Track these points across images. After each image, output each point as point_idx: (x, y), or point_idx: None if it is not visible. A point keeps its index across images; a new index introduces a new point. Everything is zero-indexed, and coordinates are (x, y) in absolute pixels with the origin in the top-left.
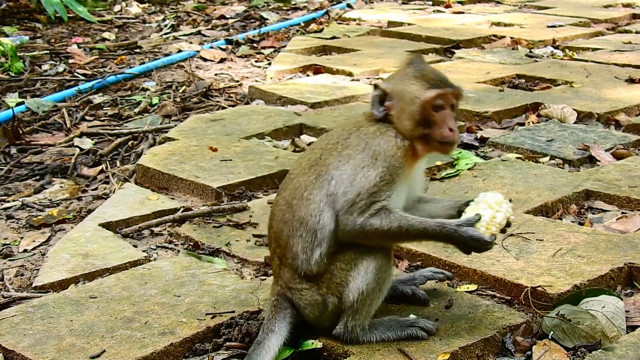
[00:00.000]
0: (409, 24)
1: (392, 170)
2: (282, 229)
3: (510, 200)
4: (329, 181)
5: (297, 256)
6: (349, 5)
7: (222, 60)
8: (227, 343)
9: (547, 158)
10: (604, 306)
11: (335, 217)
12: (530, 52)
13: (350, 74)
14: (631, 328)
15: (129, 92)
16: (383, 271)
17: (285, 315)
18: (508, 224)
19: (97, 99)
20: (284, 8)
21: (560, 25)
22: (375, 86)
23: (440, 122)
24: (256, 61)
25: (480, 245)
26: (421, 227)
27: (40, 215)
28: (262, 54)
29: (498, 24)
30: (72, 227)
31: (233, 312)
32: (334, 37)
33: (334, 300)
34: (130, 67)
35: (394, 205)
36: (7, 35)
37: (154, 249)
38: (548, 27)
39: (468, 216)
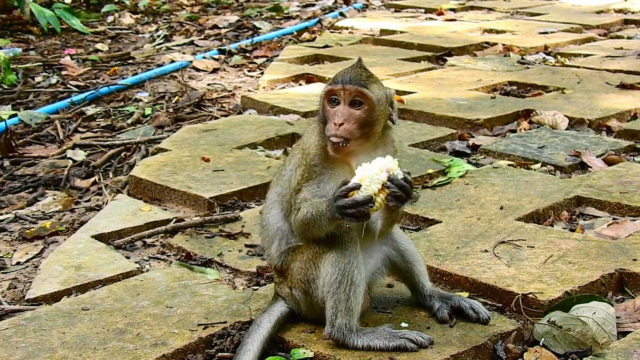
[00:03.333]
0: (401, 32)
1: (311, 169)
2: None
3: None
4: (280, 179)
5: (263, 250)
6: (341, 14)
7: (214, 70)
8: (219, 354)
9: (539, 165)
10: (594, 312)
11: (284, 215)
12: (522, 58)
13: None
14: (622, 334)
15: (122, 103)
16: (345, 263)
17: (274, 305)
18: (393, 181)
19: (90, 110)
20: (277, 17)
21: (552, 32)
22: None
23: (330, 118)
24: (249, 71)
25: (345, 207)
26: (316, 206)
27: (33, 227)
28: (255, 63)
29: (490, 31)
30: (64, 239)
31: (225, 322)
32: (326, 46)
33: (300, 294)
34: (123, 78)
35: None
36: (0, 48)
37: (147, 260)
38: (540, 33)
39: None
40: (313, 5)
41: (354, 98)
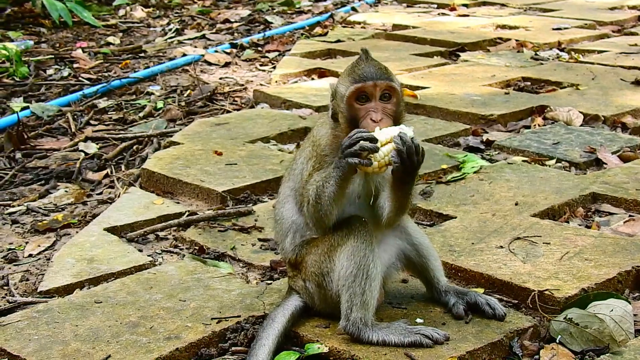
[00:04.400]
0: (413, 27)
1: (321, 159)
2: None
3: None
4: (292, 174)
5: (277, 244)
6: (353, 9)
7: (226, 64)
8: (233, 348)
9: (554, 161)
10: (612, 310)
11: (298, 209)
12: (536, 54)
13: None
14: (639, 332)
15: (134, 97)
16: (361, 256)
17: (289, 300)
18: (402, 137)
19: (102, 103)
20: (289, 12)
21: (565, 28)
22: (330, 84)
23: (364, 115)
24: (261, 65)
25: (349, 146)
26: (325, 174)
27: (45, 220)
28: (267, 57)
29: (503, 27)
30: (77, 232)
31: (239, 316)
32: (338, 41)
33: (314, 287)
34: (135, 72)
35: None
36: (12, 40)
37: (159, 254)
38: (553, 29)
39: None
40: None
41: (384, 92)
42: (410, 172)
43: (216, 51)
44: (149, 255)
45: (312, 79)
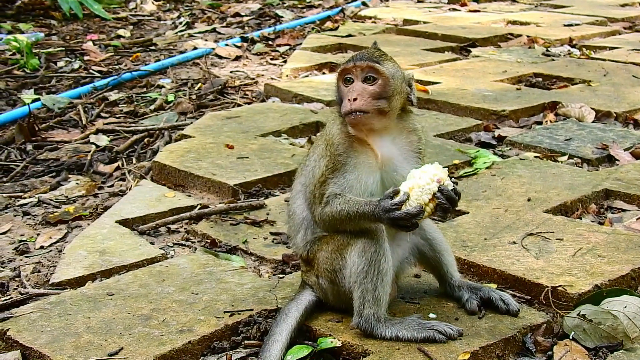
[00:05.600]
0: (424, 22)
1: (334, 159)
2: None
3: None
4: (304, 170)
5: (289, 239)
6: (364, 4)
7: (237, 58)
8: (246, 341)
9: (566, 157)
10: (625, 306)
11: (307, 205)
12: (547, 50)
13: None
14: None
15: (145, 89)
16: (372, 252)
17: (302, 294)
18: (443, 192)
19: (113, 95)
20: (299, 6)
21: (576, 24)
22: None
23: (344, 95)
24: (271, 59)
25: (397, 219)
26: (355, 207)
27: (56, 211)
28: (278, 51)
29: (514, 23)
30: (88, 224)
31: (251, 310)
32: (349, 35)
33: (327, 283)
34: (146, 65)
35: (355, 192)
36: (22, 32)
37: (171, 247)
38: (564, 25)
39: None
40: None
41: (367, 74)
42: (451, 212)
43: (227, 45)
44: (160, 248)
45: (323, 73)
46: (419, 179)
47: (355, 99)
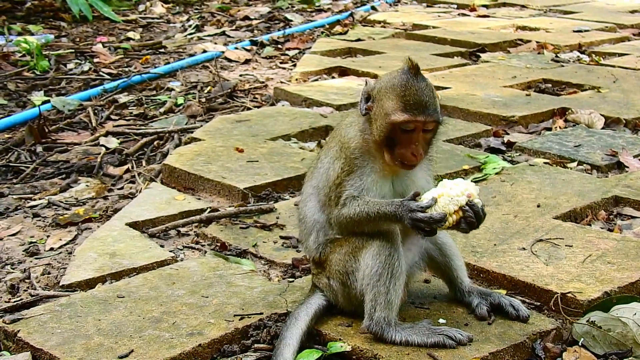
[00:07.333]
0: (434, 27)
1: (351, 162)
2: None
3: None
4: (316, 172)
5: (300, 242)
6: (373, 8)
7: (246, 61)
8: (255, 345)
9: (575, 163)
10: (635, 313)
11: (320, 208)
12: (557, 56)
13: (376, 76)
14: None
15: (154, 92)
16: (386, 255)
17: (312, 298)
18: (472, 207)
19: (123, 98)
20: (308, 10)
21: (586, 30)
22: (366, 82)
23: (405, 144)
24: (281, 62)
25: (419, 220)
26: (376, 207)
27: (66, 213)
28: (287, 55)
29: (523, 28)
30: (98, 226)
31: (261, 313)
32: (359, 40)
33: (338, 285)
34: (155, 67)
35: (371, 195)
36: (32, 34)
37: (181, 250)
38: (574, 31)
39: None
40: None
41: (429, 126)
42: (474, 229)
43: (236, 48)
44: (170, 251)
45: (333, 77)
46: (449, 189)
47: (420, 154)
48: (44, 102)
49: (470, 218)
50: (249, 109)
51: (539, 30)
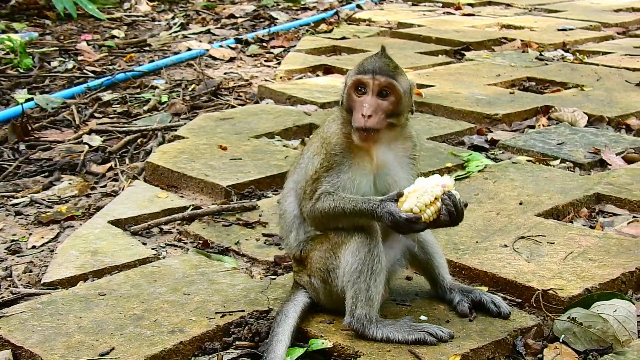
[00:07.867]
0: (419, 26)
1: (330, 158)
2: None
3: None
4: (297, 167)
5: (281, 239)
6: (358, 6)
7: (231, 59)
8: (237, 342)
9: (558, 161)
10: (615, 310)
11: (297, 202)
12: (541, 55)
13: None
14: None
15: (138, 90)
16: (365, 252)
17: (297, 295)
18: (450, 197)
19: (107, 96)
20: (294, 8)
21: (570, 29)
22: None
23: (358, 108)
24: (266, 60)
25: (398, 221)
26: (352, 204)
27: (49, 211)
28: (272, 53)
29: (508, 27)
30: (80, 224)
31: (243, 311)
32: (343, 38)
33: (319, 283)
34: (140, 65)
35: (347, 192)
36: (16, 32)
37: (163, 247)
38: (558, 30)
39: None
40: None
41: (382, 89)
42: (454, 222)
43: (221, 46)
44: (153, 249)
45: (317, 75)
46: (424, 182)
47: (370, 116)
48: (27, 100)
49: (449, 206)
50: (233, 107)
51: (524, 29)
